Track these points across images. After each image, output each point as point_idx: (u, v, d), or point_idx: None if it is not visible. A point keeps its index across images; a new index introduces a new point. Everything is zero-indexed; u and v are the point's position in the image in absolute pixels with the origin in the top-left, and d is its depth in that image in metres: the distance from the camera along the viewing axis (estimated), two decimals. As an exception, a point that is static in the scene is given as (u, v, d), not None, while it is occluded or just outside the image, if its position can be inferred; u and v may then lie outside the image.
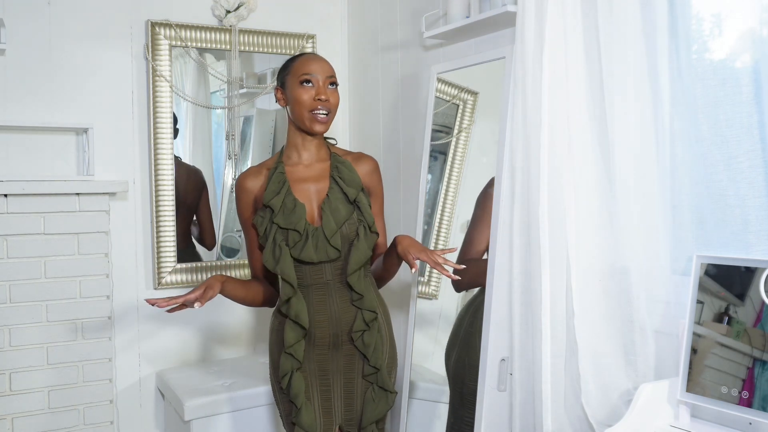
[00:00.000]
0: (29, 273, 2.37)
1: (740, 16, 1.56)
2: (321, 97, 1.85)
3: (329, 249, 1.84)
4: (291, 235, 1.84)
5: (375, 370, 1.90)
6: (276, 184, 1.87)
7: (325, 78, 1.87)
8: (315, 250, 1.84)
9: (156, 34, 2.63)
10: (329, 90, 1.88)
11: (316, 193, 1.90)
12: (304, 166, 1.93)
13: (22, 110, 2.45)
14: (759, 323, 1.42)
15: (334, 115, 1.90)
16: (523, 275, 1.88)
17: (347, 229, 1.86)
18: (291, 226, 1.83)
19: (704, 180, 1.62)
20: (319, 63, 1.89)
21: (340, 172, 1.91)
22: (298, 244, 1.84)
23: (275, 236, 1.84)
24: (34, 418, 2.38)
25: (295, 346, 1.86)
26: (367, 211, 1.89)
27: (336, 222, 1.84)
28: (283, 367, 1.87)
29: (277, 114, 2.94)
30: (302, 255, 1.83)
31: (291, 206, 1.85)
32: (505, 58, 2.03)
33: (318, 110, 1.86)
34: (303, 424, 1.84)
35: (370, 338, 1.88)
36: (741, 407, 1.41)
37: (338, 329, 1.88)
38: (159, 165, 2.63)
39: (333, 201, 1.87)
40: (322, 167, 1.93)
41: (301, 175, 1.91)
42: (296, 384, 1.86)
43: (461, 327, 2.16)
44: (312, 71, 1.87)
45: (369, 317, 1.88)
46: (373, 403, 1.89)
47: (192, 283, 2.72)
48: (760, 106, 1.51)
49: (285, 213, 1.84)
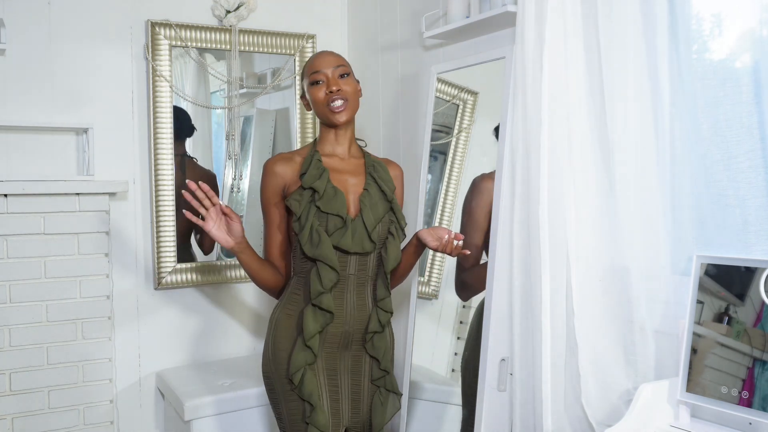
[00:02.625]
0: (29, 273, 2.37)
1: (740, 16, 1.56)
2: (332, 88, 1.86)
3: (366, 241, 1.83)
4: (331, 221, 1.82)
5: (384, 373, 1.90)
6: (316, 169, 1.86)
7: (332, 70, 1.88)
8: (352, 240, 1.82)
9: (156, 34, 2.63)
10: (341, 80, 1.88)
11: (353, 185, 1.90)
12: (339, 158, 1.93)
13: (22, 110, 2.45)
14: (759, 323, 1.42)
15: (354, 103, 1.90)
16: (523, 275, 1.88)
17: (381, 225, 1.87)
18: (334, 210, 1.82)
19: (704, 180, 1.62)
20: (325, 58, 1.90)
21: (376, 170, 1.93)
22: (339, 231, 1.81)
23: (312, 221, 1.81)
24: (34, 418, 2.38)
25: (314, 339, 1.80)
26: (400, 212, 1.92)
27: (375, 217, 1.85)
28: (297, 361, 1.80)
29: (277, 114, 2.94)
30: (341, 243, 1.81)
31: (332, 193, 1.84)
32: (505, 58, 2.03)
33: (333, 102, 1.86)
34: (319, 424, 1.78)
35: (380, 342, 1.88)
36: (741, 407, 1.41)
37: (351, 327, 1.86)
38: (159, 165, 2.63)
39: (373, 195, 1.88)
40: (357, 163, 1.95)
41: (338, 167, 1.91)
42: (310, 381, 1.80)
43: (479, 330, 2.14)
44: (319, 68, 1.88)
45: (385, 318, 1.88)
46: (381, 407, 1.89)
47: (192, 283, 2.72)
48: (760, 106, 1.51)
49: (327, 198, 1.83)
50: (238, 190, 2.81)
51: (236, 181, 2.80)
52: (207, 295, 2.79)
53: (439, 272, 2.37)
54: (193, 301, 2.76)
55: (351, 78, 1.91)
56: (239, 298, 2.86)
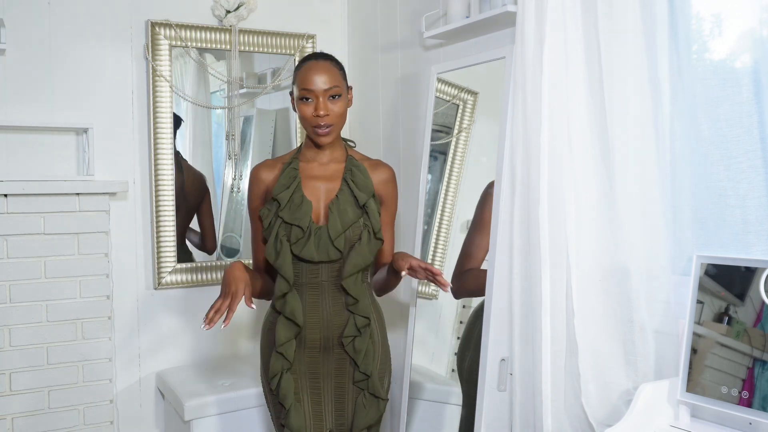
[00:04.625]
0: (29, 273, 2.37)
1: (740, 16, 1.56)
2: (319, 113, 1.82)
3: (331, 250, 1.83)
4: (294, 231, 1.83)
5: (365, 376, 1.89)
6: (287, 178, 1.88)
7: (324, 92, 1.83)
8: (316, 249, 1.83)
9: (156, 34, 2.63)
10: (330, 102, 1.84)
11: (326, 192, 1.89)
12: (318, 164, 1.92)
13: (22, 110, 2.45)
14: (759, 323, 1.42)
15: (339, 126, 1.87)
16: (523, 275, 1.88)
17: (352, 232, 1.85)
18: (295, 221, 1.83)
19: (704, 180, 1.62)
20: (318, 75, 1.83)
21: (353, 175, 1.90)
22: (300, 241, 1.83)
23: (278, 230, 1.84)
24: (34, 418, 2.38)
25: (286, 346, 1.85)
26: (375, 216, 1.88)
27: (342, 224, 1.84)
28: (273, 367, 1.86)
29: (277, 114, 2.94)
30: (303, 252, 1.83)
31: (298, 202, 1.85)
32: (505, 58, 2.03)
33: (318, 126, 1.84)
34: (292, 426, 1.84)
35: (361, 344, 1.87)
36: (741, 407, 1.41)
37: (329, 332, 1.87)
38: (159, 165, 2.63)
39: (342, 202, 1.86)
40: (337, 168, 1.93)
41: (314, 173, 1.91)
42: (285, 385, 1.85)
43: (474, 330, 2.15)
44: (310, 86, 1.83)
45: (361, 323, 1.87)
46: (364, 409, 1.89)
47: (192, 283, 2.72)
48: (760, 106, 1.51)
49: (291, 208, 1.84)
50: (238, 190, 2.81)
51: (236, 181, 2.81)
52: (207, 295, 2.79)
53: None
54: (193, 301, 2.76)
55: (342, 98, 1.86)
56: (239, 298, 2.85)
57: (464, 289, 2.21)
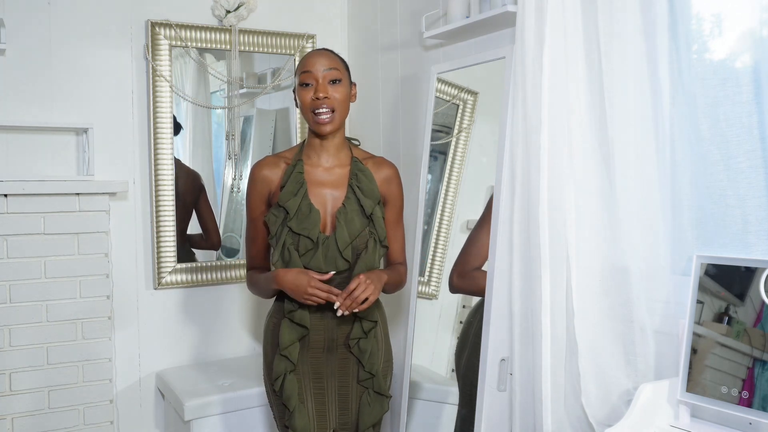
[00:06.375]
0: (29, 273, 2.37)
1: (740, 16, 1.56)
2: (319, 95, 1.78)
3: (339, 260, 1.82)
4: (302, 242, 1.80)
5: (370, 375, 1.89)
6: (294, 184, 1.83)
7: (324, 73, 1.79)
8: (324, 260, 1.81)
9: (156, 34, 2.63)
10: (330, 87, 1.81)
11: (332, 200, 1.85)
12: (323, 168, 1.88)
13: (22, 110, 2.45)
14: (759, 323, 1.42)
15: (343, 112, 1.83)
16: (523, 275, 1.88)
17: (358, 241, 1.83)
18: (304, 232, 1.80)
19: (704, 180, 1.62)
20: (318, 58, 1.82)
21: (359, 180, 1.86)
22: (309, 253, 1.81)
23: (285, 239, 1.81)
24: (34, 418, 2.38)
25: (290, 348, 1.84)
26: (381, 225, 1.86)
27: (350, 234, 1.82)
28: (276, 368, 1.86)
29: (277, 114, 2.94)
30: (311, 263, 1.81)
31: (306, 211, 1.81)
32: (505, 58, 2.03)
33: (318, 110, 1.80)
34: (296, 427, 1.83)
35: (366, 344, 1.87)
36: (741, 407, 1.41)
37: (334, 334, 1.87)
38: (159, 165, 2.63)
39: (349, 212, 1.83)
40: (342, 173, 1.88)
41: (320, 179, 1.87)
42: (289, 386, 1.84)
43: (471, 329, 2.15)
44: (310, 68, 1.80)
45: (368, 326, 1.87)
46: (368, 407, 1.89)
47: (192, 283, 2.72)
48: (760, 106, 1.51)
49: (299, 217, 1.80)
50: (238, 190, 2.81)
51: (236, 181, 2.81)
52: (207, 295, 2.79)
53: (439, 272, 2.36)
54: (193, 301, 2.76)
55: (343, 84, 1.82)
56: (239, 298, 2.85)
57: (476, 287, 2.18)
